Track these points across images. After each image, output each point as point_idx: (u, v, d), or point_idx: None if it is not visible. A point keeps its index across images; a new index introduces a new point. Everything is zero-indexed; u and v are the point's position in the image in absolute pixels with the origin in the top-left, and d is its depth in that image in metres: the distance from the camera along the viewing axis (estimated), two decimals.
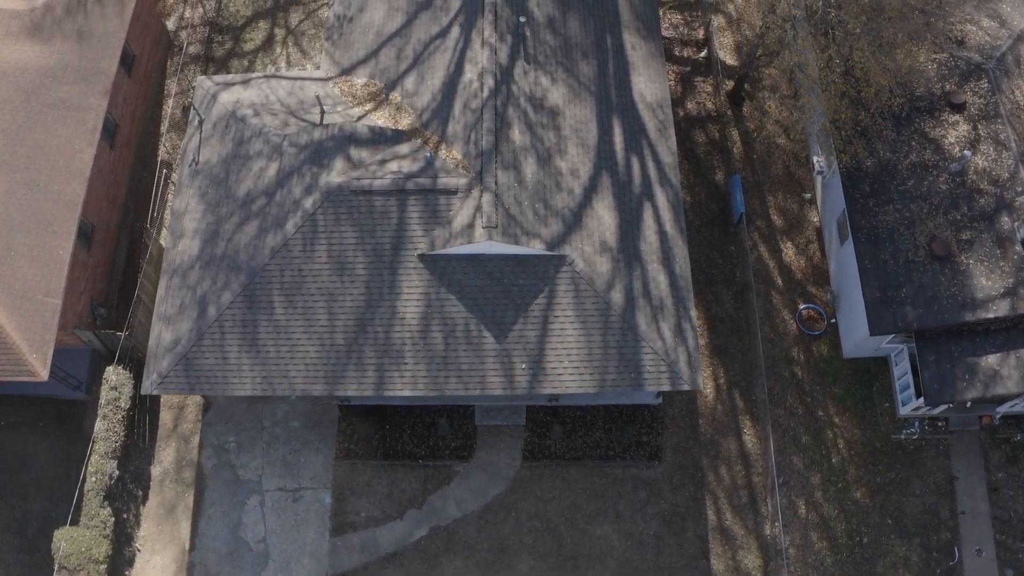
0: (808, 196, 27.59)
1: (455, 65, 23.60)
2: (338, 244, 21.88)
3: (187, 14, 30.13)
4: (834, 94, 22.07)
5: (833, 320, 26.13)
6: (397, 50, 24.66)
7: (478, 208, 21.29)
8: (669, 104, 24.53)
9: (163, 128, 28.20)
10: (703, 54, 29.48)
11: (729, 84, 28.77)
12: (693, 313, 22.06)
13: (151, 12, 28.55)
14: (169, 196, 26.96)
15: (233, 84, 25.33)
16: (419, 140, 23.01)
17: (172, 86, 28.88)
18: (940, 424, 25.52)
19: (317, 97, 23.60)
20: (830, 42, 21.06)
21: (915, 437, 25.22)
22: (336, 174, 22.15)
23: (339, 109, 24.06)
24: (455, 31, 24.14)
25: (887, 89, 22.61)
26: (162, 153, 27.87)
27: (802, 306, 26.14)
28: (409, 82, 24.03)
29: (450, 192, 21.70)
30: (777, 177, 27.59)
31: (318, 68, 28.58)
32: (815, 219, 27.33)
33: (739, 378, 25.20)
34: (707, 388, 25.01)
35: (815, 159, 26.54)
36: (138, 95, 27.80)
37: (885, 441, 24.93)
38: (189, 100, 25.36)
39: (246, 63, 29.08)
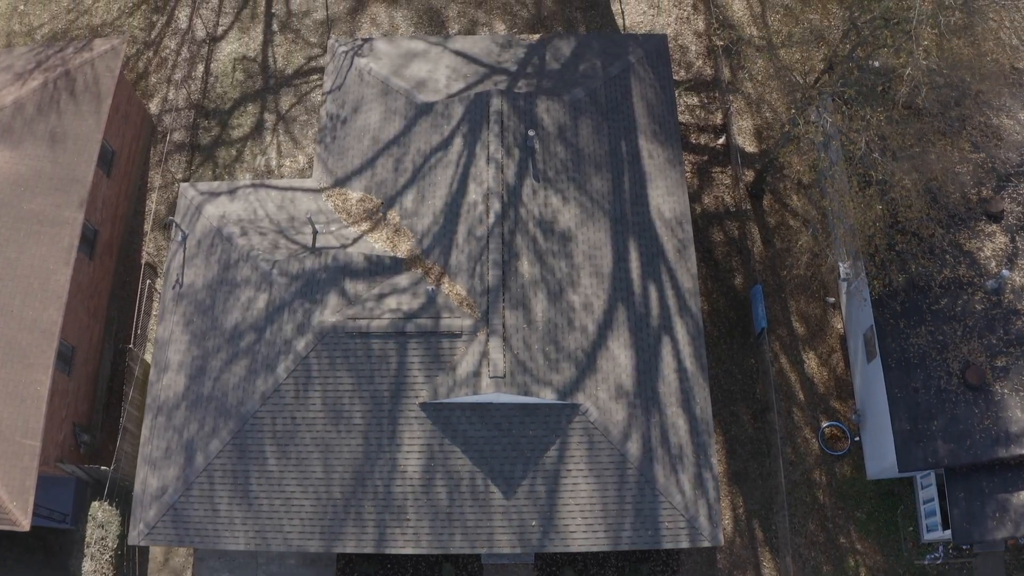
0: (832, 301, 26.03)
1: (458, 183, 21.91)
2: (333, 390, 20.35)
3: (171, 95, 28.22)
4: (869, 221, 20.42)
5: (857, 438, 24.74)
6: (395, 161, 22.93)
7: (484, 354, 19.75)
8: (689, 219, 22.88)
9: (147, 226, 26.47)
10: (721, 141, 27.71)
11: (748, 174, 27.06)
12: (714, 460, 20.65)
13: (131, 100, 26.65)
14: (154, 305, 25.34)
15: (219, 194, 23.60)
16: (419, 270, 21.39)
17: (156, 178, 27.10)
18: (965, 548, 24.30)
19: (309, 219, 21.92)
20: (870, 182, 19.32)
21: (939, 562, 23.99)
22: (330, 312, 20.55)
23: (332, 229, 22.39)
24: (458, 142, 22.40)
25: (919, 197, 20.91)
26: (146, 254, 26.17)
27: (824, 424, 24.72)
28: (408, 200, 22.34)
29: (454, 335, 20.14)
30: (799, 278, 26.03)
31: (309, 164, 26.79)
32: (839, 326, 25.81)
33: (758, 507, 23.85)
34: (725, 519, 23.68)
35: (841, 265, 24.95)
36: (119, 193, 26.04)
37: (908, 567, 23.68)
38: (170, 217, 23.62)
39: (234, 152, 27.26)
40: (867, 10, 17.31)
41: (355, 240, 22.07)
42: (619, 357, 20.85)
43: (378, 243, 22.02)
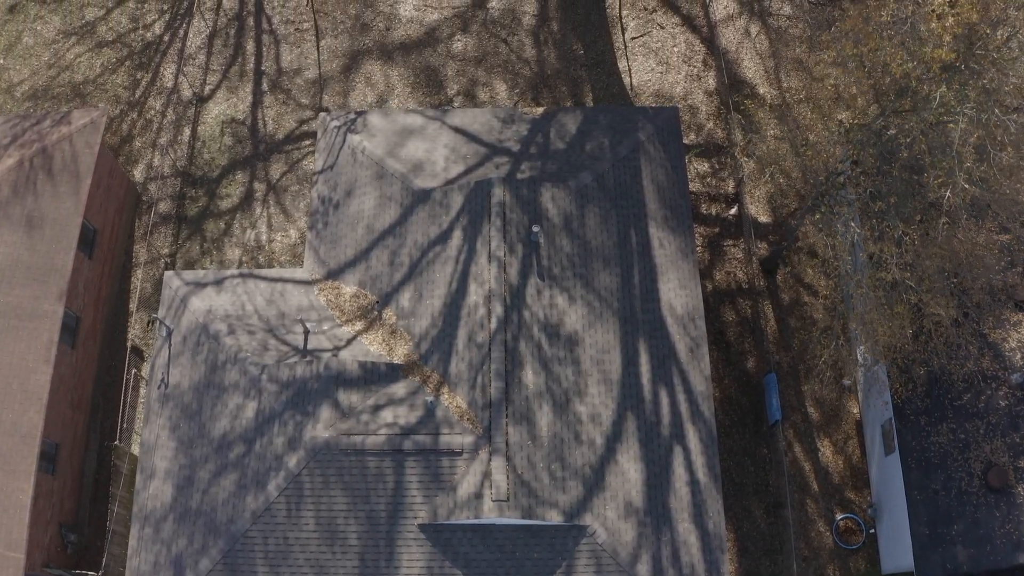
0: (848, 383, 24.95)
1: (458, 282, 20.74)
2: (327, 510, 19.31)
3: (156, 162, 26.90)
4: (896, 335, 19.26)
5: (872, 530, 23.78)
6: (390, 253, 21.72)
7: (486, 475, 18.69)
8: (702, 313, 21.72)
9: (132, 305, 25.29)
10: (733, 211, 26.46)
11: (761, 247, 25.86)
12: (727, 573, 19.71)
13: (114, 172, 25.33)
14: (141, 395, 24.23)
15: (205, 285, 22.40)
16: (417, 378, 20.27)
17: (141, 253, 25.87)
18: None
19: (301, 321, 20.75)
20: (900, 301, 18.14)
21: None
22: (323, 426, 19.45)
23: (325, 328, 21.24)
24: (457, 236, 21.18)
25: (948, 300, 19.76)
26: (131, 336, 25.00)
27: (839, 517, 23.74)
28: (405, 298, 21.16)
29: (454, 453, 19.06)
30: (813, 359, 24.92)
31: (301, 239, 25.53)
32: (855, 410, 24.75)
33: None
34: None
35: (858, 350, 23.84)
36: (102, 273, 24.82)
37: None
38: (154, 315, 22.43)
39: (223, 225, 25.98)
40: (901, 114, 15.93)
41: (349, 341, 20.93)
42: (628, 472, 19.80)
43: (373, 345, 20.89)
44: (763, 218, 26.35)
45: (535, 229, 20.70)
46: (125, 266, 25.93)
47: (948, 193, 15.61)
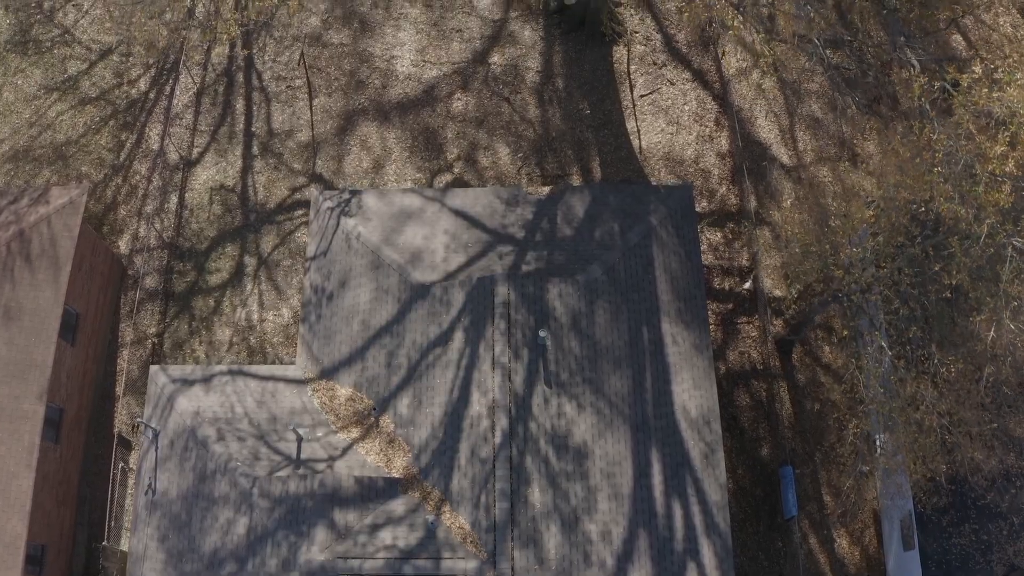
0: (866, 469, 23.91)
1: (459, 390, 19.59)
2: None
3: (142, 232, 25.62)
4: (922, 448, 18.17)
5: None
6: (387, 354, 20.53)
7: None
8: (717, 415, 20.56)
9: (119, 389, 24.14)
10: (747, 285, 25.26)
11: (776, 324, 24.69)
12: None
13: (96, 248, 24.05)
14: (129, 489, 23.16)
15: (192, 382, 21.23)
16: (417, 494, 19.18)
17: (127, 332, 24.67)
18: None
19: (294, 429, 19.63)
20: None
21: None
22: (318, 548, 18.39)
23: (319, 434, 20.12)
24: (459, 338, 20.00)
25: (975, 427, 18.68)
26: (118, 423, 23.87)
27: None
28: (403, 404, 20.01)
29: None
30: (830, 443, 23.86)
31: (294, 320, 24.31)
32: (872, 497, 23.73)
33: None
34: None
35: (876, 438, 22.77)
36: (86, 358, 23.63)
37: None
38: (138, 418, 21.32)
39: (212, 303, 24.75)
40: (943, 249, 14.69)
41: (344, 451, 19.84)
42: None
43: (370, 455, 19.79)
44: (778, 291, 25.15)
45: (542, 334, 19.51)
46: (111, 346, 24.76)
47: (992, 333, 14.45)
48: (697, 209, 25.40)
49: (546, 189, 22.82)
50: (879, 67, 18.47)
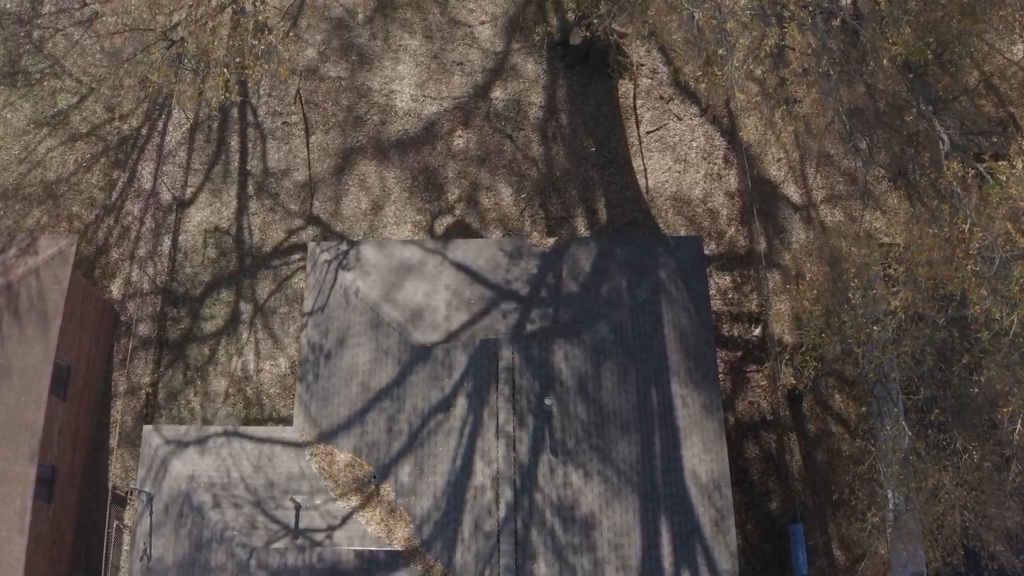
0: (877, 520, 23.37)
1: (463, 459, 18.98)
2: None
3: (134, 276, 24.90)
4: (938, 520, 17.60)
5: None
6: (388, 418, 19.89)
7: None
8: (728, 479, 19.99)
9: (112, 441, 23.52)
10: (756, 332, 24.59)
11: (787, 372, 24.05)
12: None
13: (88, 297, 23.32)
14: (124, 550, 22.60)
15: (187, 444, 20.61)
16: (419, 567, 18.62)
17: (120, 381, 24.02)
18: None
19: (292, 499, 19.04)
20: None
21: None
22: None
23: (318, 503, 19.52)
24: (461, 404, 19.36)
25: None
26: (112, 477, 23.26)
27: None
28: (404, 472, 19.40)
29: None
30: (841, 494, 23.28)
31: (292, 370, 23.64)
32: (884, 551, 23.18)
33: None
34: None
35: (889, 493, 22.19)
36: (79, 411, 22.98)
37: None
38: (132, 484, 20.74)
39: (207, 351, 24.08)
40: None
41: (344, 520, 19.25)
42: None
43: (371, 524, 19.21)
44: (788, 338, 24.49)
45: (548, 401, 18.89)
46: (104, 396, 24.12)
47: (1019, 426, 13.83)
48: (706, 252, 24.73)
49: (551, 241, 22.11)
50: (906, 139, 17.79)
